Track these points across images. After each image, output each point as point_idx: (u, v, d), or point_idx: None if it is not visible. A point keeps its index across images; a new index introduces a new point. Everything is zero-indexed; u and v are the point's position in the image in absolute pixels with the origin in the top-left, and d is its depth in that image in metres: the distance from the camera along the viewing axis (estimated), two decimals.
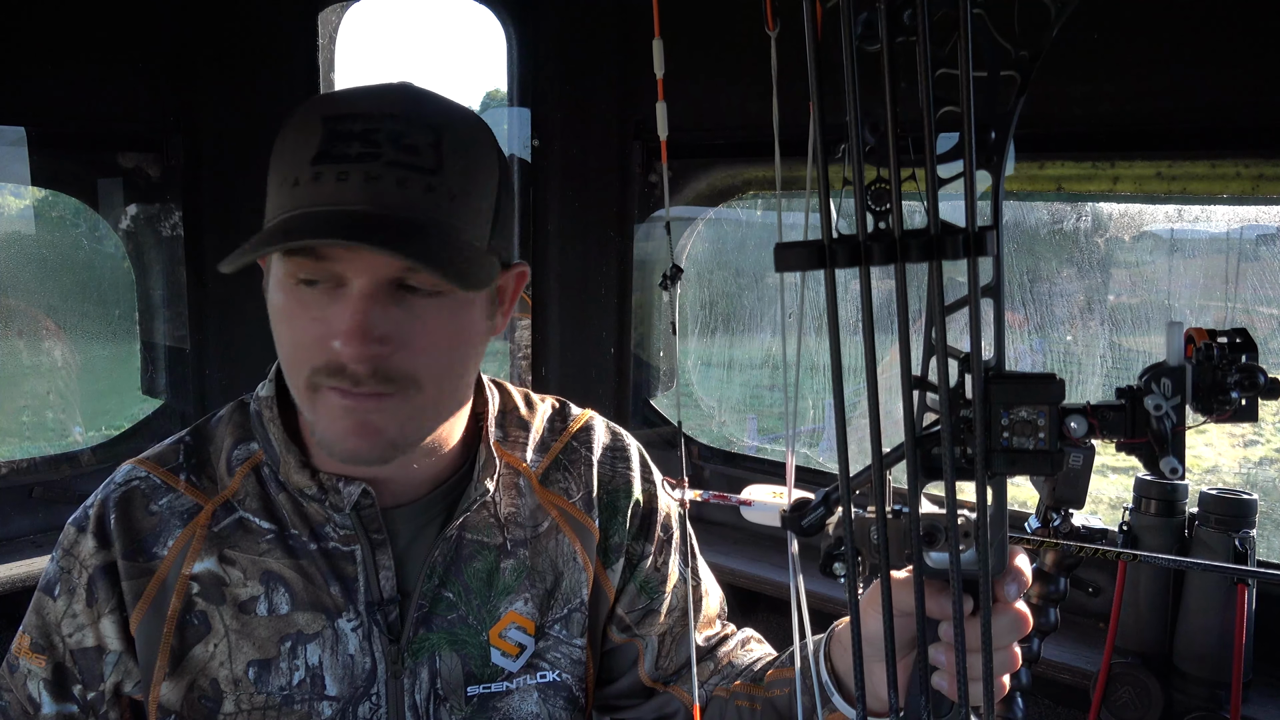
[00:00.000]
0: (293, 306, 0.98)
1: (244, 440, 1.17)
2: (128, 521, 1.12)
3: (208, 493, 1.15)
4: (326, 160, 0.93)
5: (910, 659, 0.88)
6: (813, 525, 0.70)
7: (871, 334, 0.55)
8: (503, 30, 2.64)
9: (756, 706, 1.20)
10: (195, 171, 2.36)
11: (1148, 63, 1.90)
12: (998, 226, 0.52)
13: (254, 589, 1.12)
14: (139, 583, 1.11)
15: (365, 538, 1.13)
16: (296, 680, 1.11)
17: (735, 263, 3.10)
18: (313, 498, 1.12)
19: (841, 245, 0.50)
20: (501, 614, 1.18)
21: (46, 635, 1.14)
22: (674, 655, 1.30)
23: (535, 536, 1.22)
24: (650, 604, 1.29)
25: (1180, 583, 1.75)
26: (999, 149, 0.54)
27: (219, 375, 2.40)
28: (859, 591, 0.70)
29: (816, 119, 0.50)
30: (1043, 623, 1.56)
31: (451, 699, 1.16)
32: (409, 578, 1.15)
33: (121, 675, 1.13)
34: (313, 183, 0.93)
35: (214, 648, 1.11)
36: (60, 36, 2.15)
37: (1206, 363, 0.65)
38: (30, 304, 2.61)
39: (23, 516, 2.28)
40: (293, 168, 0.94)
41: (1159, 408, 0.64)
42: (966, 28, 0.48)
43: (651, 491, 1.32)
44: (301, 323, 0.98)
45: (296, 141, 0.96)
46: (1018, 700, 1.39)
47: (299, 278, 0.97)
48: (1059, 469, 0.60)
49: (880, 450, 0.59)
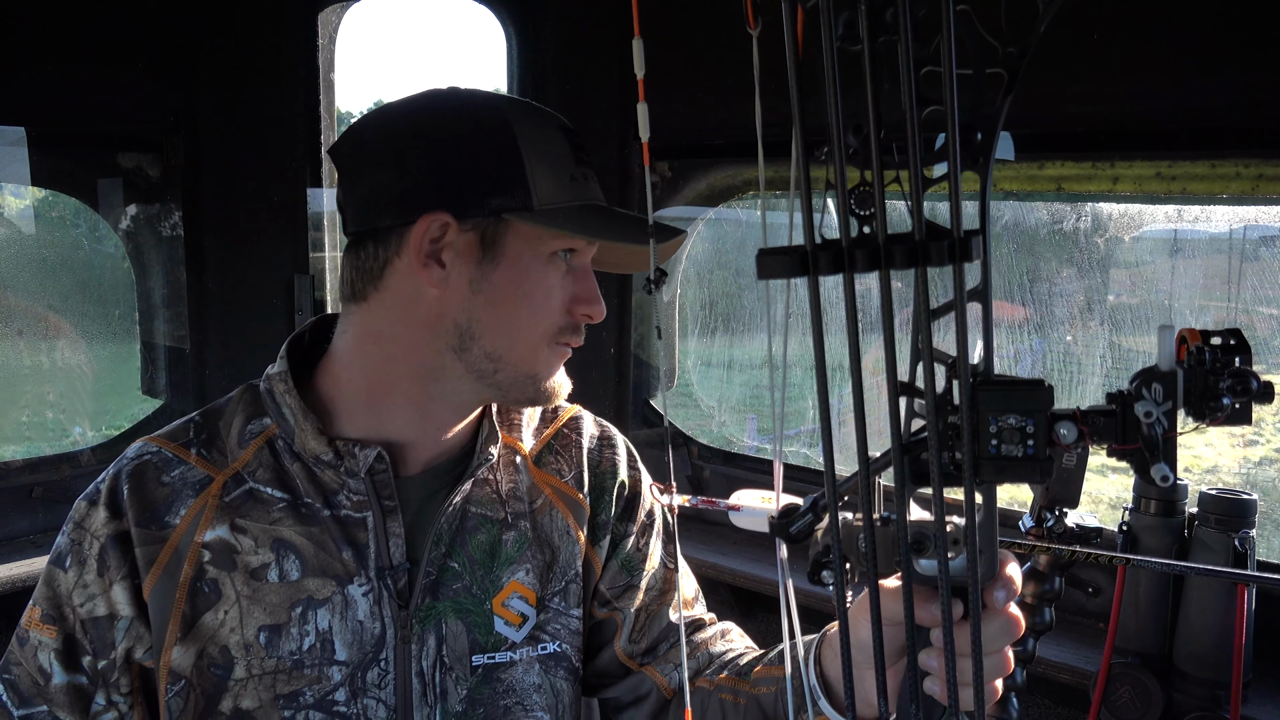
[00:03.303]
0: (553, 276, 1.16)
1: (256, 416, 1.21)
2: (141, 492, 1.16)
3: (218, 465, 1.19)
4: (582, 164, 1.17)
5: (901, 666, 0.87)
6: (801, 532, 0.70)
7: (856, 342, 0.54)
8: (503, 30, 2.64)
9: (741, 701, 1.23)
10: (195, 171, 2.36)
11: (1148, 63, 1.89)
12: (985, 230, 0.51)
13: (265, 556, 1.15)
14: (152, 549, 1.14)
15: (377, 503, 1.17)
16: (307, 645, 1.15)
17: (735, 263, 3.09)
18: (328, 464, 1.17)
19: (825, 251, 0.50)
20: (504, 583, 1.23)
21: (57, 606, 1.16)
22: (648, 630, 1.35)
23: (532, 511, 1.28)
24: (631, 580, 1.35)
25: (1180, 583, 1.75)
26: (986, 150, 0.53)
27: (219, 375, 2.41)
28: (848, 599, 0.69)
29: (797, 122, 0.49)
30: (1038, 622, 1.55)
31: (457, 668, 1.20)
32: (417, 546, 1.20)
33: (133, 641, 1.15)
34: (583, 181, 1.16)
35: (225, 614, 1.14)
36: (60, 37, 2.15)
37: (1199, 367, 0.64)
38: (30, 304, 2.61)
39: (23, 516, 2.29)
40: (563, 164, 1.14)
41: (1149, 414, 0.63)
42: (949, 24, 0.47)
43: (636, 478, 1.39)
44: (556, 289, 1.16)
45: (549, 137, 1.14)
46: (1013, 700, 1.39)
47: (560, 252, 1.16)
48: (1048, 476, 0.59)
49: (867, 457, 0.58)
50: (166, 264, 2.43)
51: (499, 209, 1.11)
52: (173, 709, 1.14)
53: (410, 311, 1.15)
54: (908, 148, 0.48)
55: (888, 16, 0.47)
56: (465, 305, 1.14)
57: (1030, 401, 0.59)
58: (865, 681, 0.94)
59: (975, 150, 0.52)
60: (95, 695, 1.16)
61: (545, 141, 1.14)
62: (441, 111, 1.14)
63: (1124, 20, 1.87)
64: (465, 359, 1.16)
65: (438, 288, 1.13)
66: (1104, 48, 1.89)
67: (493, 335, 1.15)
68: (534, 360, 1.17)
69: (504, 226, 1.12)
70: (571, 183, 1.15)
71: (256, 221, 2.42)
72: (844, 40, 0.48)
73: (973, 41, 0.51)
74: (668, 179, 2.65)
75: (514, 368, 1.17)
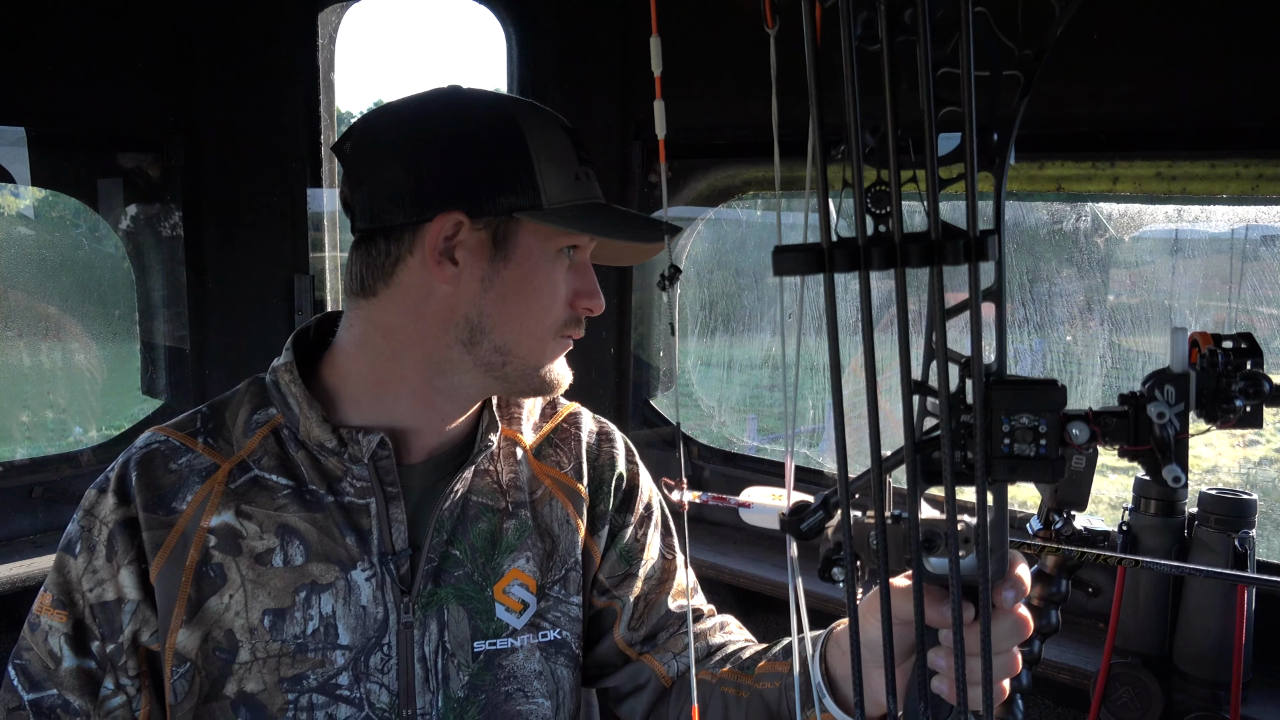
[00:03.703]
0: (559, 271, 1.19)
1: (261, 407, 1.24)
2: (148, 479, 1.18)
3: (224, 453, 1.22)
4: (585, 163, 1.20)
5: (909, 664, 0.87)
6: (811, 529, 0.70)
7: (871, 339, 0.55)
8: (503, 30, 2.64)
9: (743, 695, 1.24)
10: (195, 171, 2.36)
11: (1148, 63, 1.89)
12: (999, 230, 0.51)
13: (270, 541, 1.18)
14: (159, 534, 1.17)
15: (380, 490, 1.20)
16: (310, 629, 1.17)
17: (735, 263, 3.09)
18: (332, 451, 1.20)
19: (840, 249, 0.50)
20: (505, 570, 1.26)
21: (67, 592, 1.19)
22: (647, 619, 1.37)
23: (532, 501, 1.31)
24: (629, 569, 1.38)
25: (1180, 583, 1.75)
26: (1001, 151, 0.53)
27: (219, 375, 2.40)
28: (858, 596, 0.69)
29: (815, 120, 0.49)
30: (1044, 624, 1.55)
31: (459, 654, 1.22)
32: (420, 533, 1.23)
33: (139, 624, 1.18)
34: (586, 180, 1.20)
35: (230, 598, 1.16)
36: (60, 37, 2.14)
37: (1211, 369, 0.64)
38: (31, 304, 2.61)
39: (23, 516, 2.28)
40: (568, 163, 1.18)
41: (1162, 415, 0.63)
42: (968, 26, 0.47)
43: (635, 471, 1.43)
44: (561, 285, 1.20)
45: (554, 138, 1.17)
46: (1018, 701, 1.39)
47: (565, 249, 1.19)
48: (1060, 476, 0.59)
49: (880, 455, 0.58)
50: (166, 264, 2.43)
51: (511, 208, 1.14)
52: (178, 691, 1.16)
53: (422, 307, 1.17)
54: (925, 147, 0.48)
55: (906, 17, 0.47)
56: (476, 301, 1.17)
57: (1044, 401, 0.59)
58: (872, 680, 0.95)
59: (991, 151, 0.52)
60: (104, 679, 1.18)
61: (551, 141, 1.17)
62: (450, 111, 1.16)
63: (1124, 20, 1.87)
64: (475, 353, 1.19)
65: (450, 284, 1.15)
66: (1104, 48, 1.89)
67: (503, 330, 1.18)
68: (541, 353, 1.21)
69: (515, 225, 1.15)
70: (576, 182, 1.18)
71: (256, 221, 2.42)
72: (862, 40, 0.48)
73: (990, 43, 0.51)
74: (668, 179, 2.65)
75: (522, 360, 1.20)
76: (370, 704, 1.18)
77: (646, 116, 2.57)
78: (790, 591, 0.77)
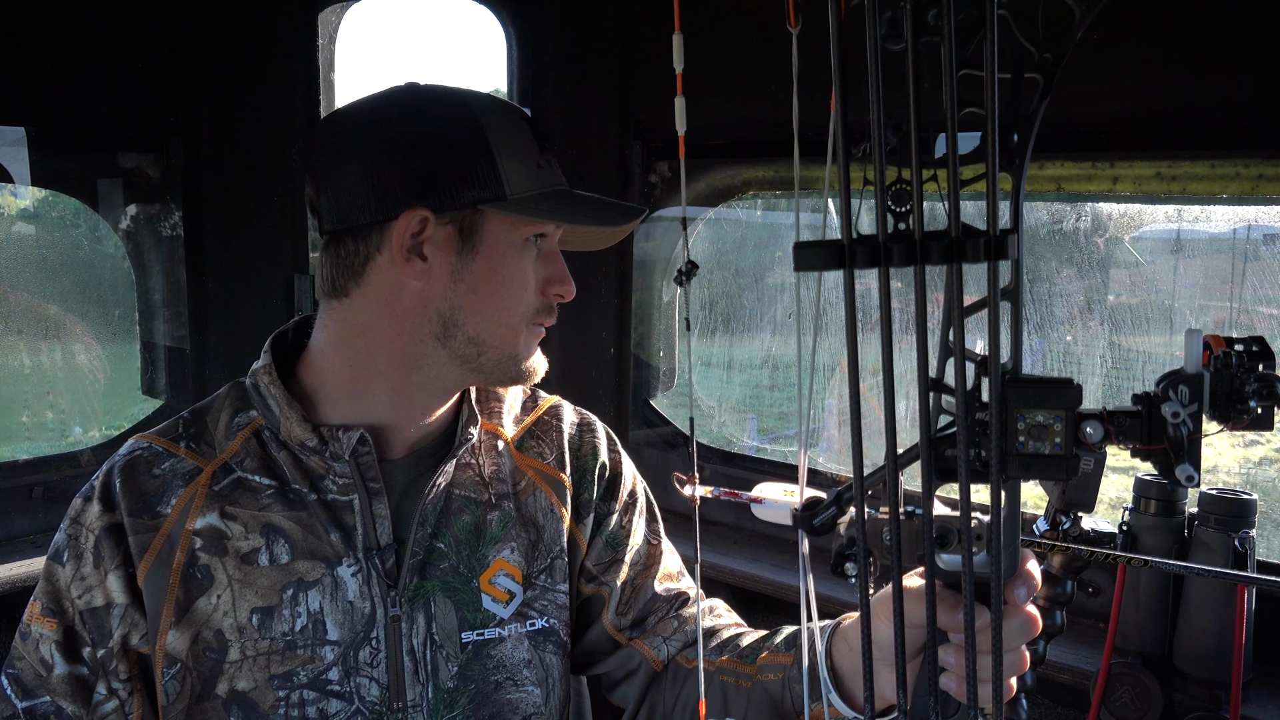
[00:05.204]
0: (527, 260, 1.21)
1: (242, 410, 1.26)
2: (132, 485, 1.20)
3: (207, 456, 1.23)
4: (545, 151, 1.22)
5: (919, 661, 0.88)
6: (824, 525, 0.70)
7: (889, 336, 0.55)
8: (503, 30, 2.64)
9: (744, 684, 1.25)
10: (195, 171, 2.35)
11: (1148, 63, 1.90)
12: (1018, 229, 0.52)
13: (255, 541, 1.19)
14: (145, 538, 1.18)
15: (362, 486, 1.21)
16: (299, 626, 1.18)
17: (735, 263, 3.09)
18: (313, 450, 1.21)
19: (861, 246, 0.50)
20: (490, 561, 1.28)
21: (57, 600, 1.20)
22: (635, 603, 1.39)
23: (515, 493, 1.33)
24: (615, 555, 1.40)
25: (1180, 583, 1.75)
26: (1021, 151, 0.53)
27: (219, 375, 2.40)
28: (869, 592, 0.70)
29: (838, 117, 0.49)
30: (1048, 625, 1.55)
31: (447, 645, 1.24)
32: (404, 527, 1.24)
33: (129, 628, 1.19)
34: (548, 168, 1.21)
35: (217, 598, 1.17)
36: (60, 37, 2.14)
37: (1224, 371, 0.64)
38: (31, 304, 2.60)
39: (23, 516, 2.28)
40: (529, 152, 1.19)
41: (1176, 415, 0.64)
42: (992, 28, 0.47)
43: (617, 459, 1.45)
44: (531, 273, 1.22)
45: (514, 129, 1.19)
46: (1022, 701, 1.39)
47: (531, 237, 1.21)
48: (1074, 474, 0.60)
49: (895, 451, 0.58)
50: (166, 264, 2.42)
51: (474, 200, 1.16)
52: (170, 692, 1.17)
53: (394, 304, 1.19)
54: (947, 147, 0.48)
55: (929, 18, 0.47)
56: (448, 295, 1.18)
57: (1059, 399, 0.59)
58: (881, 677, 0.95)
59: (1011, 152, 0.53)
60: (96, 685, 1.19)
61: (511, 133, 1.19)
62: (409, 109, 1.18)
63: (1124, 20, 1.88)
64: (449, 345, 1.20)
65: (420, 280, 1.17)
66: (1104, 48, 1.90)
67: (476, 321, 1.20)
68: (514, 342, 1.23)
69: (480, 217, 1.17)
70: (538, 170, 1.21)
71: (256, 221, 2.41)
72: (886, 39, 0.48)
73: (1011, 46, 0.51)
74: (668, 179, 2.65)
75: (497, 350, 1.22)
76: (361, 698, 1.20)
77: (646, 116, 2.57)
78: (801, 589, 0.77)
